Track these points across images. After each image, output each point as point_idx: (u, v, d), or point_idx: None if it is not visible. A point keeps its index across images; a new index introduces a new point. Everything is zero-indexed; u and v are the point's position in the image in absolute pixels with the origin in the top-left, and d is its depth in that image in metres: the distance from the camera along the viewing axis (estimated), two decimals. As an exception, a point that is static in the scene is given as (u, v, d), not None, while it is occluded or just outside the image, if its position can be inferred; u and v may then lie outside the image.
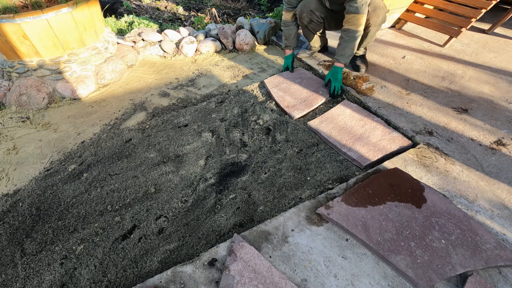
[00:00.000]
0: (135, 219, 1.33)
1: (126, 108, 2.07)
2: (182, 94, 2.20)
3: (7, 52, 2.05)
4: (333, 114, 1.81)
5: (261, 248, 1.10)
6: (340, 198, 1.24)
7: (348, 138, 1.64)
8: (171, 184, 1.48)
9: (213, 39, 2.75)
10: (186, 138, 1.75)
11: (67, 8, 1.98)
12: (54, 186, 1.50)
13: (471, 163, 1.43)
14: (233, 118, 1.89)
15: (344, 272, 1.04)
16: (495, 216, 1.20)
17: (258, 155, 1.63)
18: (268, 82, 2.14)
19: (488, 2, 2.15)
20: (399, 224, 1.14)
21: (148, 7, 4.27)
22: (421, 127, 1.66)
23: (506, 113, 1.73)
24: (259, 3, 4.54)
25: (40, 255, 1.21)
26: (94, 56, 2.28)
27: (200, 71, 2.48)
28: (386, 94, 1.94)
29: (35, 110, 2.07)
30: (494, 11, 2.80)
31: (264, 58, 2.64)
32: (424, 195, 1.24)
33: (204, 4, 4.53)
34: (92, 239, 1.26)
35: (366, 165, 1.49)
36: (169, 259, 1.18)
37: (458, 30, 2.32)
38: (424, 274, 0.99)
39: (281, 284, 0.97)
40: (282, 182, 1.46)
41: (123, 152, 1.69)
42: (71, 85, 2.14)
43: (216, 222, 1.30)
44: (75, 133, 1.87)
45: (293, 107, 1.90)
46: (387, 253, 1.05)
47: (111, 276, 1.13)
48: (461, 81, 2.02)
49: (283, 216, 1.21)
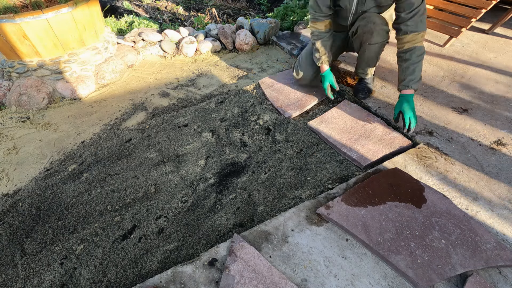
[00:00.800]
0: (135, 219, 1.33)
1: (126, 108, 2.07)
2: (182, 94, 2.20)
3: (7, 52, 2.06)
4: (333, 114, 1.81)
5: (261, 248, 1.10)
6: (340, 198, 1.24)
7: (348, 138, 1.64)
8: (171, 184, 1.48)
9: (213, 39, 2.75)
10: (186, 138, 1.75)
11: (67, 8, 1.98)
12: (54, 186, 1.50)
13: (471, 163, 1.43)
14: (233, 118, 1.89)
15: (344, 272, 1.04)
16: (495, 216, 1.20)
17: (258, 155, 1.63)
18: (262, 82, 2.14)
19: (488, 2, 2.15)
20: (399, 224, 1.14)
21: (148, 7, 4.27)
22: (421, 127, 1.66)
23: (506, 113, 1.73)
24: (259, 3, 4.53)
25: (40, 255, 1.21)
26: (94, 56, 2.28)
27: (200, 71, 2.48)
28: (386, 94, 1.94)
29: (35, 110, 2.07)
30: (494, 11, 2.79)
31: (264, 58, 2.64)
32: (424, 195, 1.24)
33: (204, 4, 4.53)
34: (92, 239, 1.26)
35: (366, 165, 1.50)
36: (169, 259, 1.18)
37: (458, 30, 2.31)
38: (424, 274, 0.99)
39: (281, 284, 0.97)
40: (282, 182, 1.46)
41: (123, 152, 1.69)
42: (71, 85, 2.14)
43: (216, 222, 1.30)
44: (75, 133, 1.87)
45: (287, 107, 1.91)
46: (387, 253, 1.05)
47: (111, 276, 1.13)
48: (461, 81, 2.02)
49: (283, 216, 1.21)
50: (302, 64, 1.91)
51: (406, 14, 1.41)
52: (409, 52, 1.48)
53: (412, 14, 1.40)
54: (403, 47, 1.50)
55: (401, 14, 1.43)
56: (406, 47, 1.48)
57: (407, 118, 1.50)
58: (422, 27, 1.43)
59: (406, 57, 1.49)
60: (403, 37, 1.47)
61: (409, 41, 1.46)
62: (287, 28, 3.18)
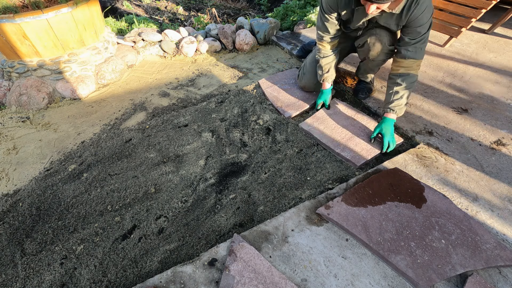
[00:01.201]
0: (135, 219, 1.33)
1: (126, 108, 2.07)
2: (182, 94, 2.20)
3: (7, 52, 2.05)
4: (323, 114, 1.81)
5: (261, 248, 1.10)
6: (340, 198, 1.24)
7: (340, 138, 1.64)
8: (171, 184, 1.48)
9: (213, 39, 2.75)
10: (186, 138, 1.75)
11: (67, 8, 1.98)
12: (54, 186, 1.50)
13: (471, 163, 1.43)
14: (233, 118, 1.89)
15: (344, 272, 1.04)
16: (495, 216, 1.20)
17: (258, 155, 1.63)
18: (262, 82, 2.15)
19: (488, 2, 2.15)
20: (399, 224, 1.14)
21: (148, 7, 4.27)
22: (421, 127, 1.66)
23: (506, 113, 1.73)
24: (259, 3, 4.54)
25: (40, 255, 1.21)
26: (94, 56, 2.28)
27: (200, 71, 2.48)
28: (386, 94, 1.94)
29: (35, 110, 2.07)
30: (494, 11, 2.79)
31: (264, 58, 2.64)
32: (424, 195, 1.24)
33: (204, 4, 4.53)
34: (92, 239, 1.26)
35: (360, 165, 1.50)
36: (169, 259, 1.18)
37: (458, 30, 2.31)
38: (424, 274, 0.99)
39: (281, 284, 0.97)
40: (282, 182, 1.46)
41: (123, 152, 1.69)
42: (71, 85, 2.14)
43: (216, 222, 1.30)
44: (75, 133, 1.87)
45: (287, 107, 1.91)
46: (387, 253, 1.05)
47: (111, 276, 1.13)
48: (461, 81, 2.02)
49: (283, 216, 1.21)
50: (306, 73, 1.92)
51: (410, 39, 1.41)
52: (402, 77, 1.47)
53: (415, 40, 1.40)
54: (398, 71, 1.49)
55: (405, 38, 1.43)
56: (401, 71, 1.48)
57: (385, 141, 1.51)
58: (421, 56, 1.43)
59: (399, 82, 1.48)
60: (401, 61, 1.47)
61: (405, 66, 1.46)
62: (287, 28, 3.18)
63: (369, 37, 1.54)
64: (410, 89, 1.49)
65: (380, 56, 1.61)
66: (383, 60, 1.67)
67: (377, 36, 1.52)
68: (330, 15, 1.52)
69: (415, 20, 1.34)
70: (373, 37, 1.53)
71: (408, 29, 1.40)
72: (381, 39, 1.52)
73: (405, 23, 1.39)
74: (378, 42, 1.53)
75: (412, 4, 1.29)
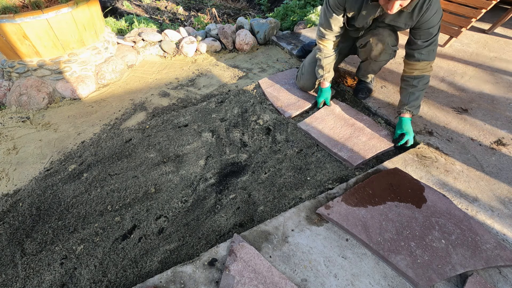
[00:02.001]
0: (135, 219, 1.33)
1: (126, 108, 2.07)
2: (182, 94, 2.20)
3: (7, 52, 2.05)
4: (322, 114, 1.81)
5: (261, 248, 1.10)
6: (340, 198, 1.24)
7: (338, 138, 1.64)
8: (171, 184, 1.48)
9: (213, 39, 2.75)
10: (186, 138, 1.75)
11: (67, 8, 1.98)
12: (54, 186, 1.50)
13: (471, 163, 1.43)
14: (233, 118, 1.89)
15: (344, 272, 1.04)
16: (495, 216, 1.20)
17: (258, 155, 1.63)
18: (262, 82, 2.15)
19: (488, 2, 2.15)
20: (399, 224, 1.14)
21: (148, 7, 4.27)
22: (421, 127, 1.66)
23: (506, 113, 1.73)
24: (259, 3, 4.54)
25: (40, 255, 1.21)
26: (94, 56, 2.28)
27: (200, 71, 2.48)
28: (386, 94, 1.94)
29: (35, 110, 2.07)
30: (494, 11, 2.79)
31: (264, 58, 2.64)
32: (424, 195, 1.24)
33: (204, 4, 4.53)
34: (92, 239, 1.26)
35: (357, 165, 1.50)
36: (169, 259, 1.18)
37: (458, 30, 2.31)
38: (424, 274, 0.99)
39: (281, 284, 0.97)
40: (282, 182, 1.46)
41: (123, 152, 1.69)
42: (71, 85, 2.14)
43: (216, 222, 1.30)
44: (75, 133, 1.87)
45: (287, 107, 1.91)
46: (387, 253, 1.05)
47: (111, 276, 1.13)
48: (461, 81, 2.02)
49: (283, 216, 1.21)
50: (305, 73, 1.91)
51: (423, 42, 1.41)
52: (417, 79, 1.50)
53: (428, 43, 1.40)
54: (412, 73, 1.52)
55: (417, 41, 1.43)
56: (415, 74, 1.50)
57: (406, 138, 1.53)
58: (433, 57, 1.45)
59: (414, 84, 1.51)
60: (414, 63, 1.48)
61: (419, 69, 1.48)
62: (287, 28, 3.18)
63: (372, 37, 1.54)
64: (424, 89, 1.53)
65: (382, 56, 1.60)
66: (385, 61, 1.67)
67: (380, 36, 1.52)
68: (336, 11, 1.50)
69: (427, 22, 1.34)
70: (375, 37, 1.53)
71: (419, 31, 1.40)
72: (384, 39, 1.52)
73: (416, 25, 1.39)
74: (381, 42, 1.53)
75: (424, 4, 1.30)
